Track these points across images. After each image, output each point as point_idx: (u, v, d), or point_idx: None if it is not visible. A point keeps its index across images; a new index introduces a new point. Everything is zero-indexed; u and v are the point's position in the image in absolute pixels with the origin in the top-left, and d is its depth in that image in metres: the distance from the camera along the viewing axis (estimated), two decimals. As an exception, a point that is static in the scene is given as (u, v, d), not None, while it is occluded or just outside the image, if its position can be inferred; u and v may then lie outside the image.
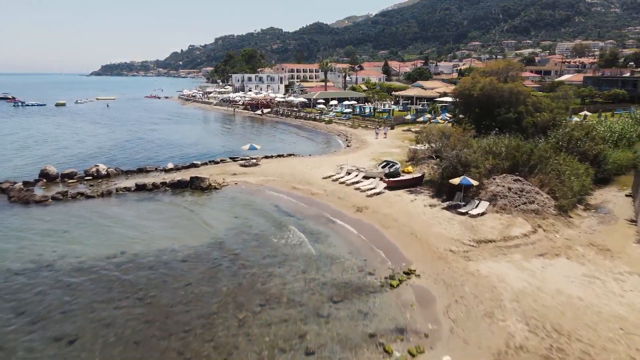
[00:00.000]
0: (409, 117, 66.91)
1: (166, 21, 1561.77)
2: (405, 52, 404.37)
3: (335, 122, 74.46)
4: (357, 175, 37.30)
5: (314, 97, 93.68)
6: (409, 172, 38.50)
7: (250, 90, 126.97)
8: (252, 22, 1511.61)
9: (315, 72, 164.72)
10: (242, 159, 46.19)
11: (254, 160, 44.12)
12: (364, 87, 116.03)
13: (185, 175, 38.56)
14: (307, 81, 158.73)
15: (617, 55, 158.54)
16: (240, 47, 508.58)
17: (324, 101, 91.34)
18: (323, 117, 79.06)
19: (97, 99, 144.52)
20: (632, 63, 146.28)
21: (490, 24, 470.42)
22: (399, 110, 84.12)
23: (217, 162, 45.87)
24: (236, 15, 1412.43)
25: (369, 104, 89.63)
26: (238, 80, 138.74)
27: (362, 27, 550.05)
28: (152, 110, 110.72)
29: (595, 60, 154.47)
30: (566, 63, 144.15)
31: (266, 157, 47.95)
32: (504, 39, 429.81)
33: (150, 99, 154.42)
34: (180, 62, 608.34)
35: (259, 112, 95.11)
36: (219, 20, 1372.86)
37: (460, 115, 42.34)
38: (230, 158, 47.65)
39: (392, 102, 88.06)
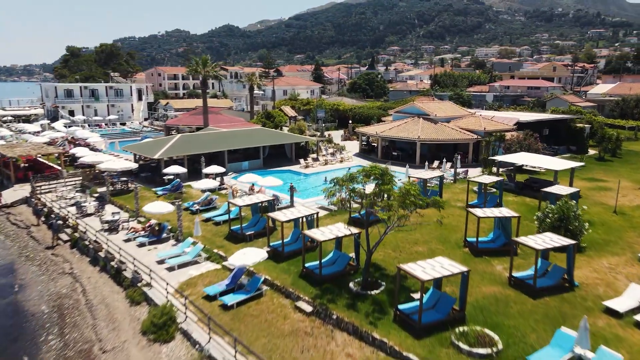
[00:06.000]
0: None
1: (57, 20, 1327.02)
2: (323, 56, 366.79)
3: (199, 324, 14.31)
4: None
5: (160, 154, 31.87)
6: None
7: (72, 118, 61.60)
8: (156, 23, 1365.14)
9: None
10: None
11: None
12: (289, 110, 56.33)
13: None
14: (196, 95, 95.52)
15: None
16: (142, 50, 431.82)
17: (182, 170, 30.06)
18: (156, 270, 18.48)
19: None
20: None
21: (406, 28, 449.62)
22: (414, 200, 25.20)
23: None
24: (138, 15, 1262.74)
25: (318, 163, 30.72)
26: (47, 96, 66.77)
27: (275, 30, 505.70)
28: None
29: (593, 65, 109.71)
30: (578, 68, 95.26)
31: None
32: (421, 44, 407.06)
33: None
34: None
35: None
36: (119, 20, 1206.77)
37: None
38: None
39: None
